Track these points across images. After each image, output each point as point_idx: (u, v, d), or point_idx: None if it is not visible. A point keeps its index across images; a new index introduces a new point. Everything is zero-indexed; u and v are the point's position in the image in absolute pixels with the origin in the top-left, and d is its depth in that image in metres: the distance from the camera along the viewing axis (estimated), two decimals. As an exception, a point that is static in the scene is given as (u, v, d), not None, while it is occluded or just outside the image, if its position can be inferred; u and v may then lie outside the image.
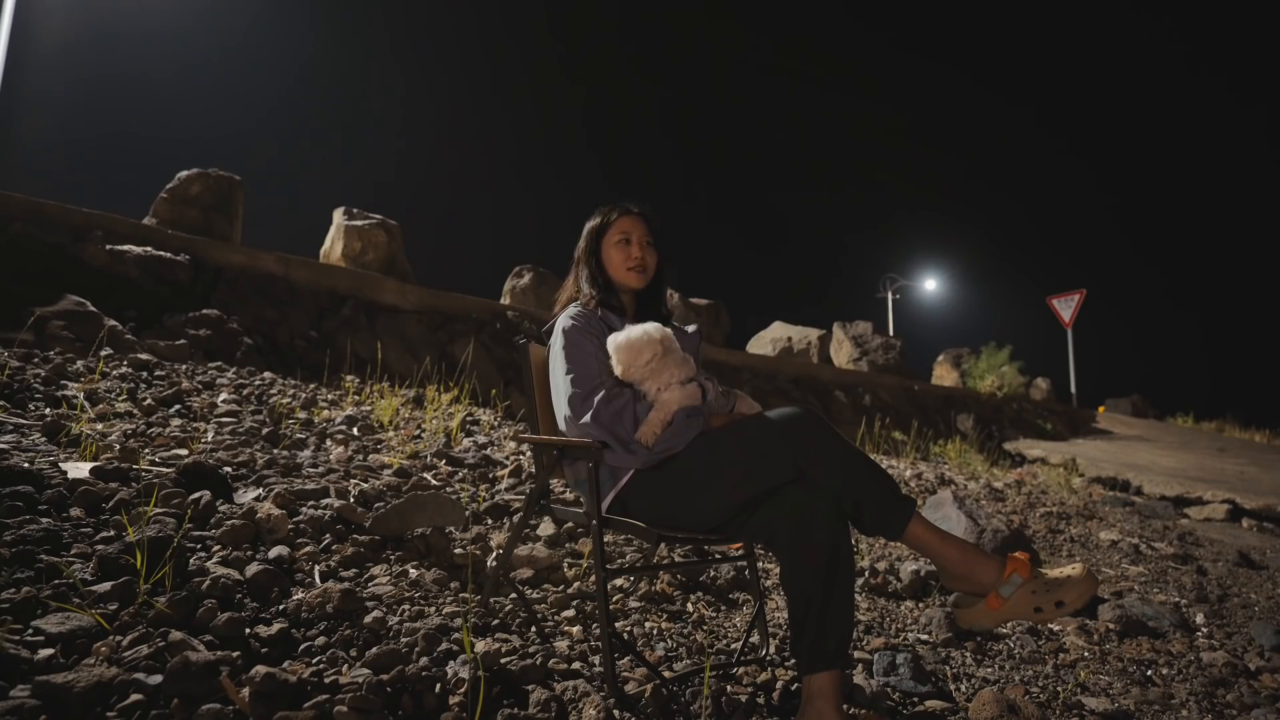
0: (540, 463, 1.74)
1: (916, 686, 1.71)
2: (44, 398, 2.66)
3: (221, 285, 4.83)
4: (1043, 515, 4.27)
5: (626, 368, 1.59)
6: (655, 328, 1.62)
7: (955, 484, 4.93)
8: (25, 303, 3.63)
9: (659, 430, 1.54)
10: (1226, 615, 2.71)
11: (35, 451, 2.08)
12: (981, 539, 2.92)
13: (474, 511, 2.45)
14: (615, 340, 1.62)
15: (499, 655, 1.48)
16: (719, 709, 1.51)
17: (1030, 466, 6.92)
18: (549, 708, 1.34)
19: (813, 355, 9.56)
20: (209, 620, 1.38)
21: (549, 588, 2.03)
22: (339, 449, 2.80)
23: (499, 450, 3.33)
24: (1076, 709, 1.74)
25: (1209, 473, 6.72)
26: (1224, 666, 2.08)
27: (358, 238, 6.19)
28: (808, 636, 1.32)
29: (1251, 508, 5.12)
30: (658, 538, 1.49)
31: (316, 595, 1.57)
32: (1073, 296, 13.64)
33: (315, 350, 4.73)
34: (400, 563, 1.94)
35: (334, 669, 1.34)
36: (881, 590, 2.47)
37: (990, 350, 11.27)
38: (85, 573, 1.47)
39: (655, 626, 1.89)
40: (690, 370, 1.64)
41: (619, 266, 1.80)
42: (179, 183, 5.55)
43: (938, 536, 1.44)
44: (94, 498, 1.79)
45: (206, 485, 2.01)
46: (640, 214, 1.84)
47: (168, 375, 3.35)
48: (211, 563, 1.63)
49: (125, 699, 1.14)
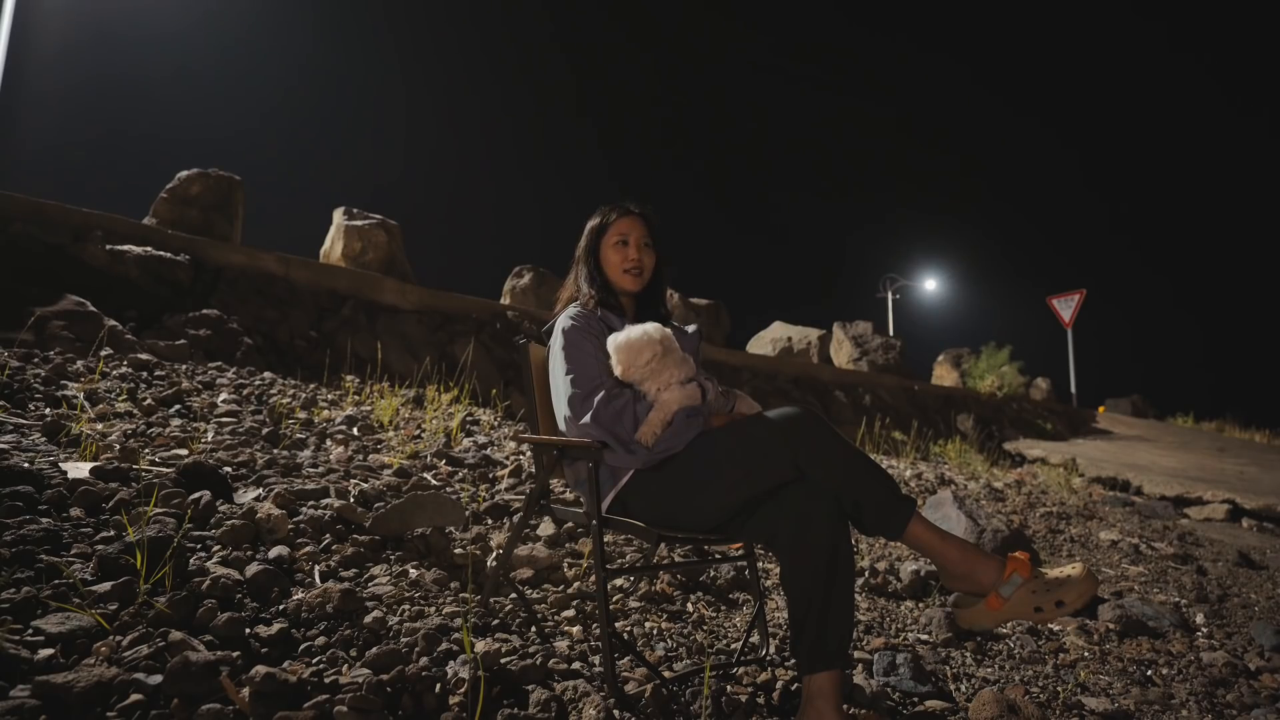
0: (540, 463, 1.74)
1: (916, 686, 1.71)
2: (44, 398, 2.66)
3: (221, 285, 4.83)
4: (1043, 515, 4.27)
5: (626, 368, 1.59)
6: (655, 328, 1.62)
7: (955, 484, 4.93)
8: (25, 303, 3.63)
9: (659, 430, 1.54)
10: (1226, 615, 2.71)
11: (35, 451, 2.08)
12: (981, 539, 2.92)
13: (474, 511, 2.45)
14: (615, 340, 1.62)
15: (499, 655, 1.48)
16: (719, 709, 1.51)
17: (1030, 466, 6.92)
18: (549, 708, 1.34)
19: (813, 355, 9.56)
20: (209, 620, 1.39)
21: (549, 588, 2.03)
22: (339, 449, 2.80)
23: (499, 450, 3.33)
24: (1076, 709, 1.74)
25: (1209, 473, 6.72)
26: (1224, 666, 2.08)
27: (358, 238, 6.19)
28: (808, 636, 1.32)
29: (1251, 508, 5.12)
30: (658, 538, 1.49)
31: (316, 595, 1.57)
32: (1073, 296, 13.65)
33: (315, 350, 4.73)
34: (400, 563, 1.94)
35: (334, 669, 1.34)
36: (881, 590, 2.47)
37: (990, 350, 11.27)
38: (85, 573, 1.47)
39: (655, 626, 1.89)
40: (690, 370, 1.63)
41: (616, 268, 1.80)
42: (179, 183, 5.55)
43: (938, 536, 1.44)
44: (94, 498, 1.79)
45: (206, 485, 2.01)
46: (639, 214, 1.83)
47: (168, 375, 3.35)
48: (211, 563, 1.63)
49: (125, 699, 1.14)
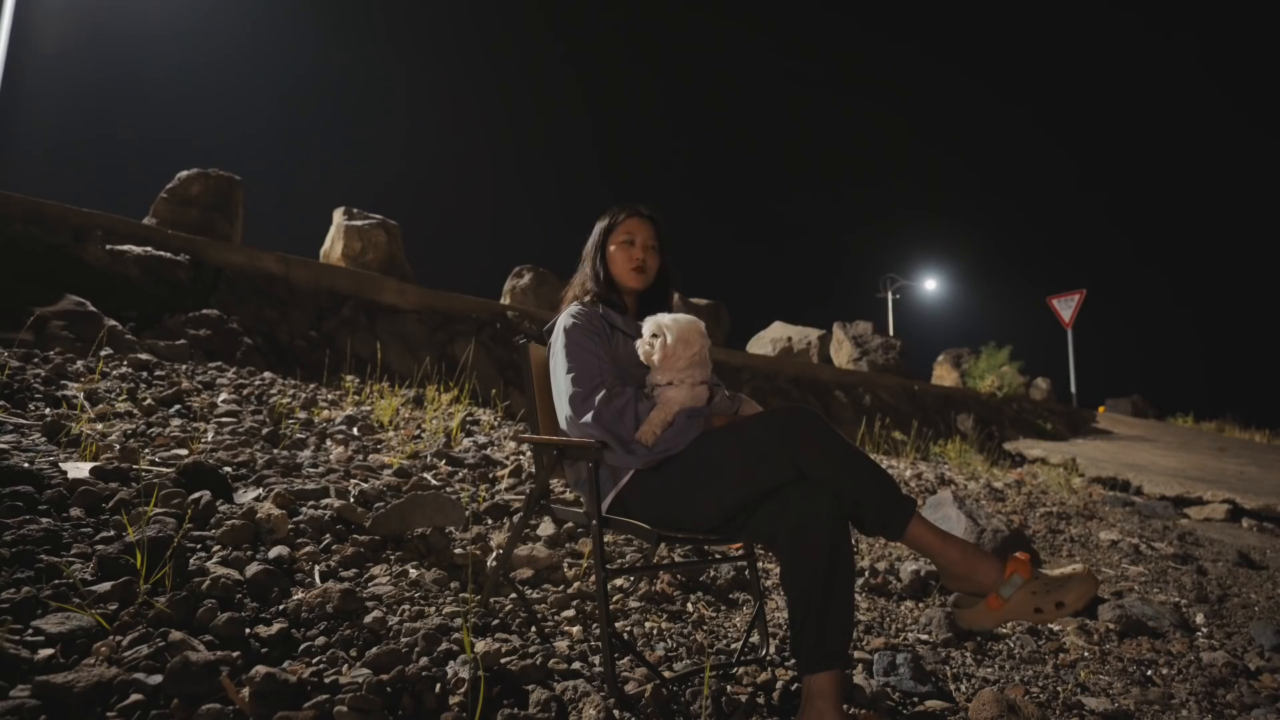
0: (540, 463, 1.74)
1: (916, 686, 1.71)
2: (44, 398, 2.66)
3: (221, 285, 4.83)
4: (1043, 515, 4.27)
5: (668, 354, 1.57)
6: (699, 322, 1.64)
7: (955, 484, 4.93)
8: (25, 303, 3.63)
9: (659, 430, 1.54)
10: (1226, 615, 2.71)
11: (35, 451, 2.08)
12: (981, 539, 2.91)
13: (474, 511, 2.45)
14: (662, 321, 1.61)
15: (499, 655, 1.48)
16: (719, 709, 1.51)
17: (1030, 466, 6.92)
18: (549, 708, 1.34)
19: (813, 355, 9.56)
20: (209, 620, 1.38)
21: (549, 588, 2.03)
22: (339, 449, 2.80)
23: (499, 450, 3.33)
24: (1076, 709, 1.74)
25: (1209, 473, 6.72)
26: (1224, 666, 2.08)
27: (358, 238, 6.19)
28: (808, 637, 1.32)
29: (1251, 508, 5.12)
30: (658, 538, 1.48)
31: (316, 595, 1.57)
32: (1073, 296, 13.65)
33: (315, 350, 4.73)
34: (400, 563, 1.94)
35: (334, 669, 1.34)
36: (881, 590, 2.47)
37: (990, 350, 11.26)
38: (85, 573, 1.47)
39: (655, 626, 1.89)
40: (707, 373, 1.66)
41: (621, 266, 1.82)
42: (179, 183, 5.55)
43: (938, 537, 1.44)
44: (94, 498, 1.79)
45: (206, 485, 2.01)
46: (648, 217, 1.86)
47: (168, 375, 3.35)
48: (211, 563, 1.63)
49: (125, 699, 1.14)
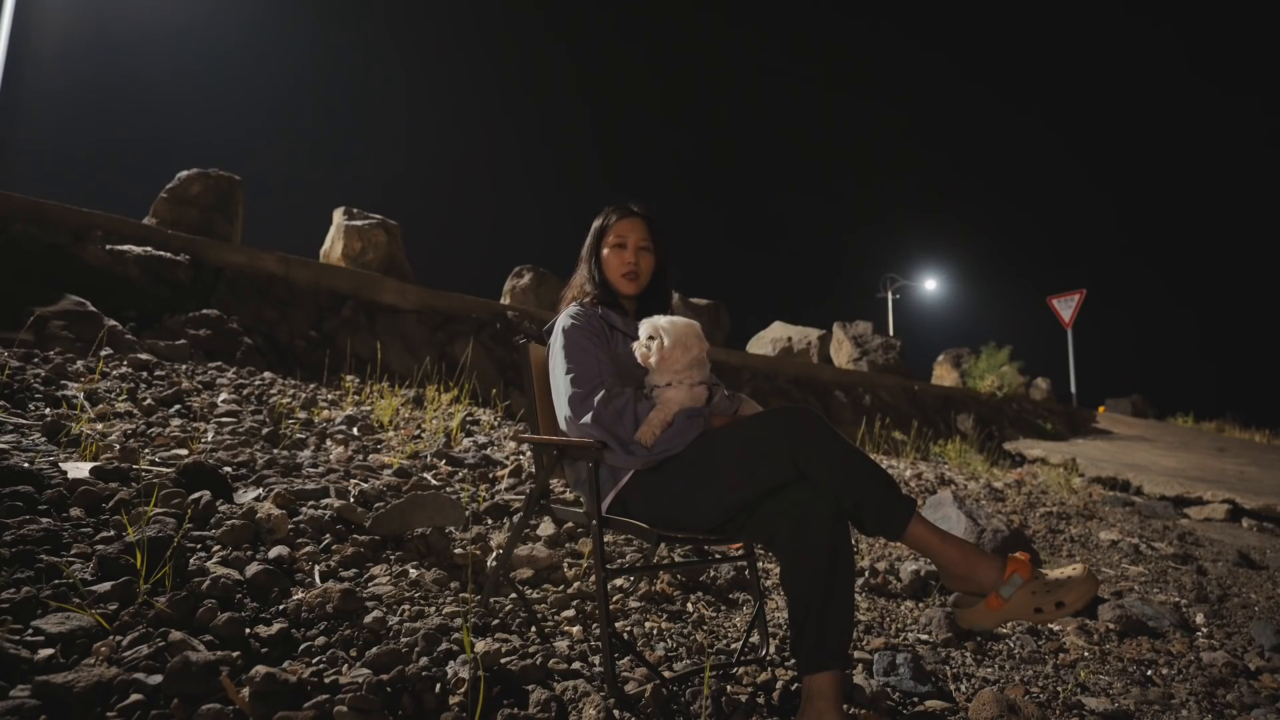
0: (540, 463, 1.74)
1: (916, 686, 1.71)
2: (44, 398, 2.66)
3: (221, 285, 4.83)
4: (1043, 515, 4.27)
5: (664, 357, 1.58)
6: (697, 325, 1.64)
7: (955, 484, 4.93)
8: (25, 303, 3.63)
9: (658, 431, 1.54)
10: (1226, 615, 2.71)
11: (35, 451, 2.08)
12: (981, 539, 2.91)
13: (474, 511, 2.45)
14: (659, 323, 1.61)
15: (499, 655, 1.48)
16: (719, 709, 1.51)
17: (1030, 466, 6.92)
18: (549, 708, 1.34)
19: (813, 355, 9.56)
20: (209, 620, 1.38)
21: (549, 588, 2.03)
22: (339, 449, 2.80)
23: (499, 450, 3.33)
24: (1076, 709, 1.74)
25: (1209, 473, 6.72)
26: (1224, 666, 2.08)
27: (358, 238, 6.19)
28: (807, 637, 1.32)
29: (1251, 508, 5.12)
30: (658, 538, 1.48)
31: (316, 595, 1.57)
32: (1073, 296, 13.65)
33: (315, 350, 4.73)
34: (400, 563, 1.94)
35: (334, 669, 1.34)
36: (881, 590, 2.47)
37: (990, 350, 11.26)
38: (85, 573, 1.47)
39: (655, 626, 1.89)
40: (705, 373, 1.65)
41: (614, 271, 1.81)
42: (179, 183, 5.55)
43: (938, 537, 1.44)
44: (94, 498, 1.79)
45: (206, 485, 2.01)
46: (640, 215, 1.82)
47: (168, 375, 3.35)
48: (211, 563, 1.63)
49: (125, 699, 1.14)
